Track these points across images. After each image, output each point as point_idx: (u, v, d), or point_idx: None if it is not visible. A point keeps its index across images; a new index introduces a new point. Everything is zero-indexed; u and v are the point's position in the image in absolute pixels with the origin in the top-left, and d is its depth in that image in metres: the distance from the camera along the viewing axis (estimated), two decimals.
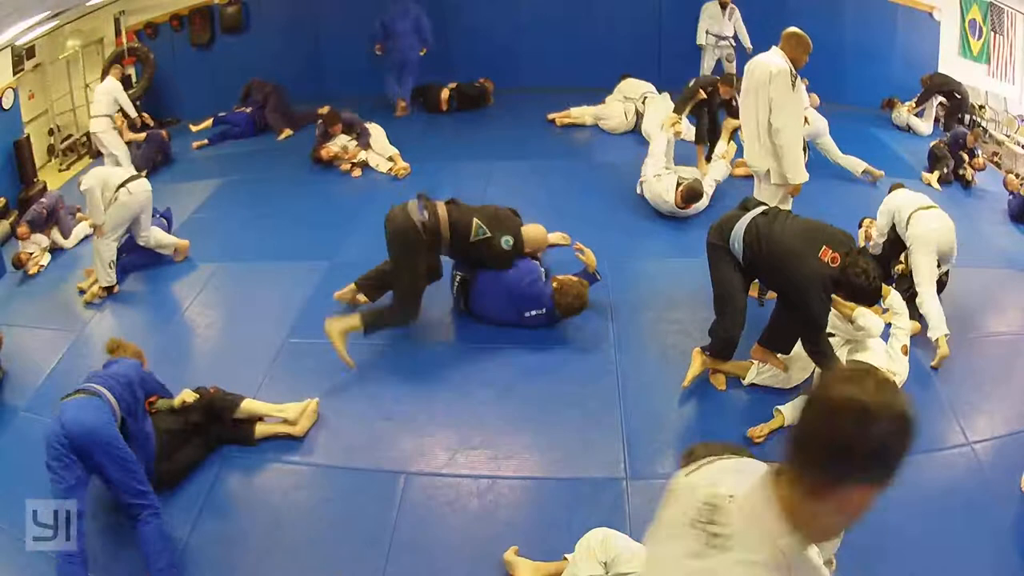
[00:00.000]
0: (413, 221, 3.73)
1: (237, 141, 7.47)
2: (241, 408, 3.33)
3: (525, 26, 8.00)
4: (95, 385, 2.90)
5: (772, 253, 3.18)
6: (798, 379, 3.53)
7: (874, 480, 1.07)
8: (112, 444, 2.73)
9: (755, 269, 3.34)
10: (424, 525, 2.95)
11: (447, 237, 3.81)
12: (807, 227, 3.22)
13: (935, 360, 3.75)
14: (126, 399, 2.95)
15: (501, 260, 3.91)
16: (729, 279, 3.35)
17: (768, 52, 3.90)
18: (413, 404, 3.55)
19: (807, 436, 1.09)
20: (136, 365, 3.20)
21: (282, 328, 4.15)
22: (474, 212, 3.91)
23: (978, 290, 4.45)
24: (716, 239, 3.37)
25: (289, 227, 5.47)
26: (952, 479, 3.18)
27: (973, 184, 6.12)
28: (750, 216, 3.30)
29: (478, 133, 7.14)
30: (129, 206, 4.72)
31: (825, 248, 3.07)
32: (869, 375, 1.07)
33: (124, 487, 2.76)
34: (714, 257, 3.40)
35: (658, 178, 5.22)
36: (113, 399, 2.88)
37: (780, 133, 3.80)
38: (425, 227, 3.73)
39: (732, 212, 3.44)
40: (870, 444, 1.03)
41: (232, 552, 2.90)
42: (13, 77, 6.80)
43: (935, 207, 4.18)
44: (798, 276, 3.11)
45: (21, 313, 4.88)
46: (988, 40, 7.14)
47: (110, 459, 2.71)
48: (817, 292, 3.08)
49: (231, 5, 8.08)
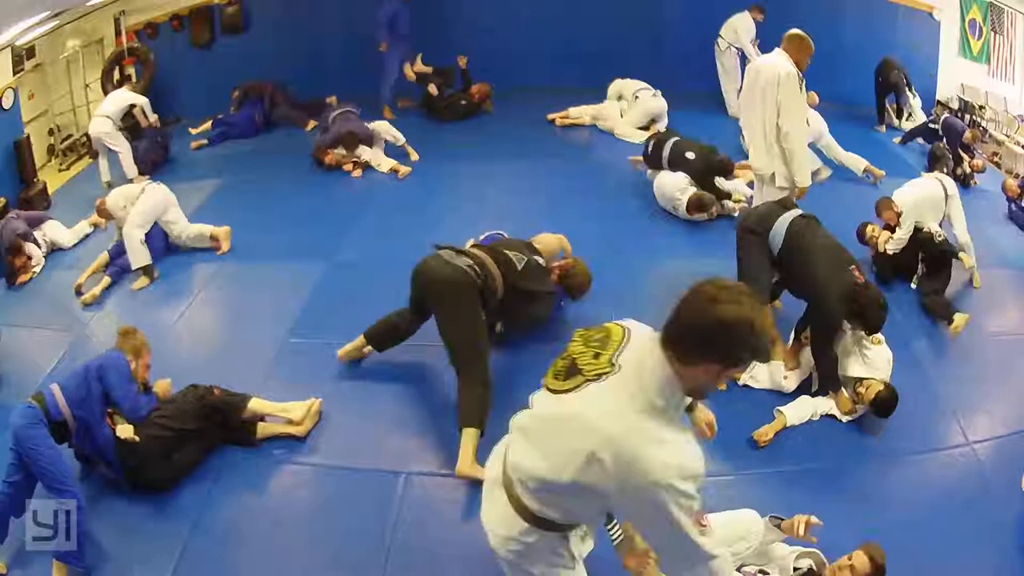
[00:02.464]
0: (462, 267, 3.27)
1: (237, 141, 7.47)
2: (248, 408, 3.33)
3: (525, 26, 8.00)
4: (51, 386, 3.11)
5: (810, 252, 3.38)
6: (791, 388, 3.57)
7: (725, 363, 1.51)
8: (28, 443, 2.93)
9: (786, 264, 3.48)
10: (424, 525, 2.95)
11: (498, 276, 3.41)
12: (837, 244, 3.50)
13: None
14: (79, 393, 3.08)
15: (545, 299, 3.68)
16: (759, 262, 3.48)
17: (772, 54, 3.88)
18: (413, 404, 3.55)
19: (689, 327, 1.51)
20: (113, 357, 3.22)
21: (282, 328, 4.15)
22: (501, 247, 3.63)
23: (978, 290, 4.45)
24: (756, 226, 3.50)
25: (289, 227, 5.48)
26: (952, 479, 3.18)
27: (973, 184, 6.12)
28: (792, 215, 3.49)
29: (478, 133, 7.14)
30: (154, 197, 5.02)
31: (855, 267, 3.35)
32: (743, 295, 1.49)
33: (43, 481, 2.95)
34: (747, 242, 3.52)
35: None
36: (60, 396, 3.05)
37: (789, 137, 3.80)
38: (476, 270, 3.30)
39: (772, 206, 3.61)
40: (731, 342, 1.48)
41: (232, 552, 2.90)
42: (13, 77, 6.80)
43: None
44: (828, 280, 3.30)
45: (21, 313, 4.88)
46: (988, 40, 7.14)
47: (29, 457, 2.93)
48: (838, 298, 3.26)
49: (231, 5, 8.08)
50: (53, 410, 3.03)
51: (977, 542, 2.84)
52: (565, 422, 1.63)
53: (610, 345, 1.65)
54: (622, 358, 1.60)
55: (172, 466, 3.17)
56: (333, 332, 4.08)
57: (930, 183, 4.54)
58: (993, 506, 2.99)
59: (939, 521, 2.90)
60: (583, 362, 1.65)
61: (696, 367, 1.51)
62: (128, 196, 5.03)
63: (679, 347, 1.52)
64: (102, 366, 3.17)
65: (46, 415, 3.01)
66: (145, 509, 3.09)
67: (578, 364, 1.66)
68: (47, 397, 3.06)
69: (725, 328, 1.46)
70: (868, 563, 2.34)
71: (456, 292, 3.23)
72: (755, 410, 3.41)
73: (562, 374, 1.69)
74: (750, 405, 3.47)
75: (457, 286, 3.23)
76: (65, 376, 3.22)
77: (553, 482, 1.63)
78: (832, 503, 2.87)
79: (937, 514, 2.94)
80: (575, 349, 1.72)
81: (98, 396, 3.11)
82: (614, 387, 1.56)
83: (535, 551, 1.82)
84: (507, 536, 1.81)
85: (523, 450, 1.75)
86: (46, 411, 3.02)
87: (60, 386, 3.10)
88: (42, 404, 3.03)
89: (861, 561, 2.35)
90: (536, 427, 1.75)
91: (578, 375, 1.64)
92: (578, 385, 1.62)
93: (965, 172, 6.14)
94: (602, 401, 1.56)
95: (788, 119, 3.77)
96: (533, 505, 1.74)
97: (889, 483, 3.12)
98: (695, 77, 7.57)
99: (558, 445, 1.62)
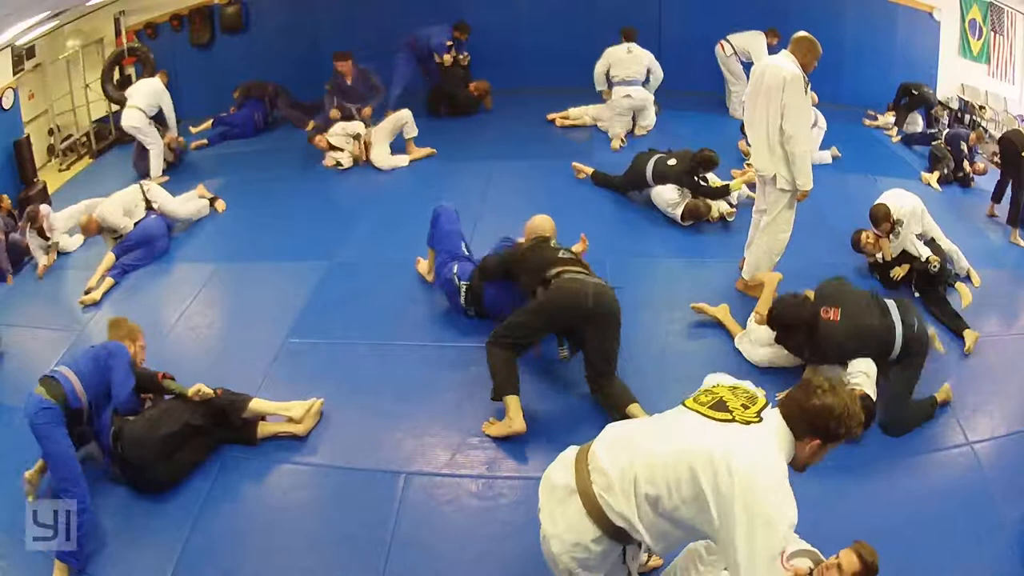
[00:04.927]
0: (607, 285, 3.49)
1: (237, 141, 7.47)
2: (249, 408, 3.34)
3: (525, 26, 8.00)
4: (62, 370, 3.13)
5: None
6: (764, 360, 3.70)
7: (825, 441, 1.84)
8: (47, 441, 2.98)
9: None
10: (424, 525, 2.95)
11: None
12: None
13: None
14: (95, 379, 3.14)
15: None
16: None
17: (778, 56, 3.86)
18: (413, 404, 3.55)
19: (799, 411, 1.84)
20: (119, 348, 3.27)
21: (282, 328, 4.15)
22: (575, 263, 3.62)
23: (978, 291, 4.45)
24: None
25: (289, 227, 5.48)
26: (952, 479, 3.18)
27: (973, 185, 6.12)
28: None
29: (478, 133, 7.14)
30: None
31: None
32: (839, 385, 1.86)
33: (53, 473, 3.03)
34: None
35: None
36: (77, 383, 3.08)
37: (793, 139, 3.77)
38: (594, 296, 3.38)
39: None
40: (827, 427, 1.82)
41: (232, 552, 2.90)
42: (13, 77, 6.80)
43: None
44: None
45: (21, 313, 4.88)
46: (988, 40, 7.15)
47: (46, 451, 3.02)
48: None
49: (231, 5, 8.08)
50: (72, 397, 3.05)
51: (977, 542, 2.84)
52: (708, 442, 1.81)
53: (757, 403, 1.92)
54: (766, 418, 1.88)
55: (173, 466, 3.17)
56: (333, 332, 4.10)
57: (911, 196, 4.54)
58: (993, 506, 2.99)
59: (939, 521, 2.91)
60: (732, 405, 1.90)
61: (804, 443, 1.84)
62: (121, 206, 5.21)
63: (791, 424, 1.85)
64: (112, 354, 3.22)
65: (64, 404, 3.02)
66: (145, 509, 3.09)
67: (728, 405, 1.90)
68: (64, 385, 3.06)
69: (824, 414, 1.80)
70: (857, 562, 2.33)
71: (617, 311, 3.42)
72: None
73: (708, 404, 1.92)
74: None
75: (616, 304, 3.42)
76: (74, 360, 3.23)
77: (668, 488, 1.80)
78: (832, 503, 2.88)
79: (937, 514, 2.94)
80: (723, 392, 1.96)
81: (107, 382, 3.16)
82: (759, 435, 1.83)
83: (599, 560, 1.93)
84: (575, 543, 1.91)
85: (639, 458, 1.87)
86: (64, 400, 3.03)
87: (74, 371, 3.11)
88: (60, 394, 3.03)
89: (849, 560, 2.33)
90: (665, 439, 1.90)
91: (726, 411, 1.88)
92: (726, 421, 1.86)
93: (966, 173, 6.14)
94: (747, 439, 1.81)
95: (792, 122, 3.75)
96: (619, 510, 1.85)
97: (889, 483, 3.12)
98: (695, 77, 7.57)
99: (689, 459, 1.79)
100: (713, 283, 4.40)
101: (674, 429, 1.92)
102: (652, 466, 1.84)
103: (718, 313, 4.02)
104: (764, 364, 3.69)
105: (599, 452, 1.94)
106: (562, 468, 2.02)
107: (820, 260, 4.54)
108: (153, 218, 5.29)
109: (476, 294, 3.95)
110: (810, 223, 4.51)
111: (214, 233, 5.54)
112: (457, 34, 7.38)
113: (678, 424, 1.93)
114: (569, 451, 2.07)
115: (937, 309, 4.19)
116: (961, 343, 3.95)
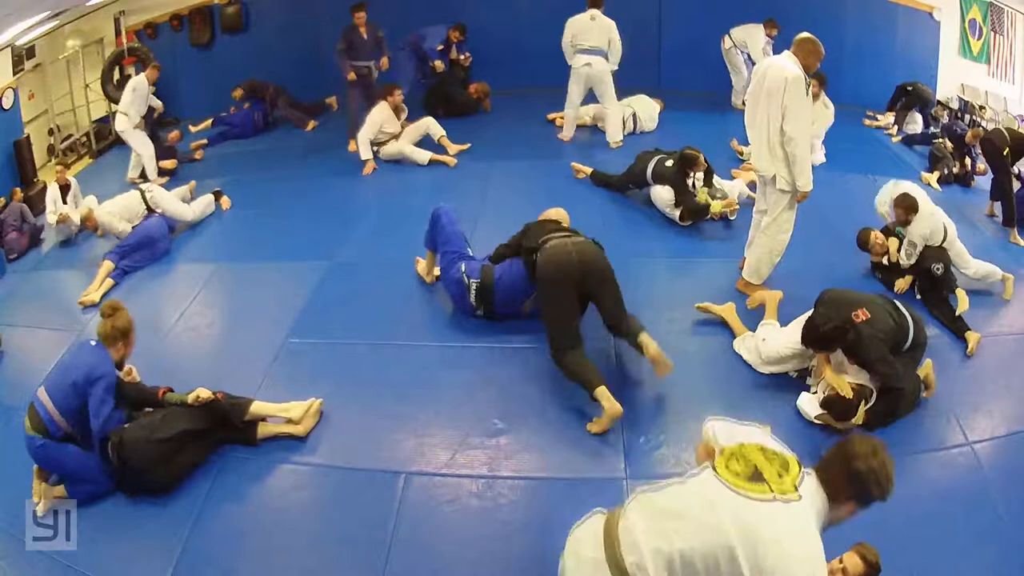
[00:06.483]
0: (591, 240, 3.66)
1: (237, 141, 7.48)
2: (250, 411, 3.33)
3: (525, 26, 7.99)
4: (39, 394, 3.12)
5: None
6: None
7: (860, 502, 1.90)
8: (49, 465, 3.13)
9: None
10: (424, 525, 2.95)
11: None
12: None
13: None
14: (69, 404, 3.08)
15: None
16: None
17: (780, 56, 3.86)
18: (413, 404, 3.54)
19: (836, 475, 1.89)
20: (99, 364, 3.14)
21: (282, 328, 4.15)
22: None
23: (978, 291, 4.45)
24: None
25: (289, 227, 5.48)
26: (952, 479, 3.18)
27: (973, 184, 6.13)
28: None
29: (478, 133, 7.14)
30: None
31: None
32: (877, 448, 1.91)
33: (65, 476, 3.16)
34: None
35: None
36: (52, 408, 3.07)
37: (793, 141, 3.77)
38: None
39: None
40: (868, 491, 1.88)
41: (232, 552, 2.90)
42: (13, 77, 6.81)
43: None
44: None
45: (21, 313, 4.88)
46: (988, 40, 7.16)
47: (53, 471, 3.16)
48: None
49: (231, 5, 8.09)
50: (51, 426, 3.07)
51: (977, 542, 2.84)
52: (751, 528, 1.78)
53: (791, 471, 1.90)
54: (803, 489, 1.86)
55: (174, 469, 3.16)
56: (333, 332, 4.10)
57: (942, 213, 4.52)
58: (993, 506, 2.99)
59: (939, 521, 2.90)
60: (768, 475, 1.87)
61: (840, 505, 1.88)
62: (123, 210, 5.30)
63: (829, 489, 1.88)
64: (89, 379, 3.08)
65: (47, 435, 3.06)
66: (145, 509, 3.08)
67: (763, 475, 1.87)
68: (41, 414, 3.07)
69: (868, 480, 1.85)
70: (861, 564, 2.33)
71: (607, 265, 3.58)
72: (754, 411, 3.41)
73: (744, 475, 1.88)
74: (751, 405, 3.47)
75: (602, 256, 3.60)
76: (53, 383, 3.13)
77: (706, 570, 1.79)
78: None
79: (937, 514, 2.94)
80: (756, 458, 1.92)
81: (84, 405, 3.08)
82: (801, 516, 1.82)
83: None
84: None
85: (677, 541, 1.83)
86: (45, 431, 3.06)
87: (50, 397, 3.08)
88: (40, 426, 3.07)
89: (853, 563, 2.33)
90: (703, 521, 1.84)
91: (763, 484, 1.85)
92: (766, 499, 1.82)
93: (967, 171, 6.14)
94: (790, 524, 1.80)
95: (792, 123, 3.74)
96: None
97: None
98: (695, 77, 7.58)
99: (730, 543, 1.77)
100: (713, 283, 4.39)
101: (713, 511, 1.84)
102: (691, 550, 1.81)
103: (724, 312, 4.01)
104: (765, 373, 3.68)
105: (631, 529, 1.90)
106: (591, 542, 1.97)
107: (820, 260, 4.54)
108: (154, 219, 5.29)
109: (487, 293, 3.92)
110: (810, 223, 4.51)
111: (214, 233, 5.54)
112: (453, 36, 7.39)
113: (716, 506, 1.85)
114: (596, 521, 2.02)
115: (939, 312, 4.19)
116: (963, 345, 3.95)
